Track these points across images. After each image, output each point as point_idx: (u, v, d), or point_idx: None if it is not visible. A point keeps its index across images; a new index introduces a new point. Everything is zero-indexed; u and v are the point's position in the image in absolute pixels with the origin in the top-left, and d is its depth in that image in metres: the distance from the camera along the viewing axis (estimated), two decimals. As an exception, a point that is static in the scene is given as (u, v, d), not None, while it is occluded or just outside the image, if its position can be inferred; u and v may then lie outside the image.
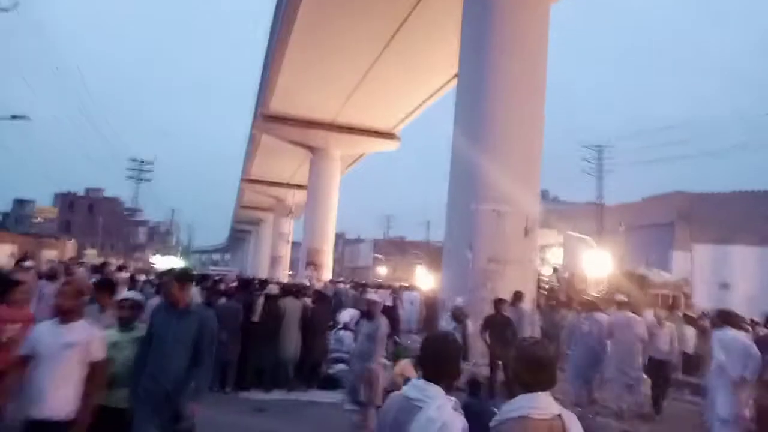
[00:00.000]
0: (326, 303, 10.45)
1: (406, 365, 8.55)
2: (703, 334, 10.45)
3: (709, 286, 24.98)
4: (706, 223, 26.53)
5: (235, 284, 11.59)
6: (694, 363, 10.98)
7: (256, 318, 8.70)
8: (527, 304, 9.76)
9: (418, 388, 2.11)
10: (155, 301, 5.56)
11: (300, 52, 18.67)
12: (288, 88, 21.90)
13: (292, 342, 8.79)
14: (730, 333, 6.62)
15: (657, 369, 7.88)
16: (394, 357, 9.69)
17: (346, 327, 10.68)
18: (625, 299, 8.85)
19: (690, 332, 11.22)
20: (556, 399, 2.07)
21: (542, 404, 1.99)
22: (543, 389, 2.03)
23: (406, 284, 23.50)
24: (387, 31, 16.72)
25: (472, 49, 11.22)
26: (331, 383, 8.90)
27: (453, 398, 2.07)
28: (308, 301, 9.75)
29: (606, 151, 32.61)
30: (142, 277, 13.29)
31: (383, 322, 6.35)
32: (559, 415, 2.00)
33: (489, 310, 9.04)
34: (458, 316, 8.49)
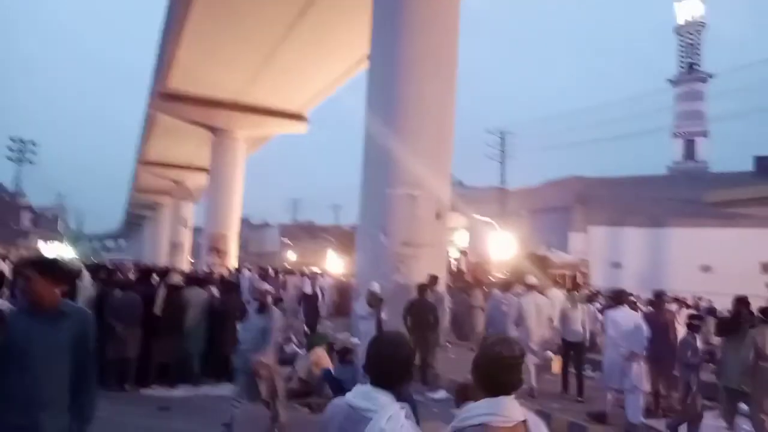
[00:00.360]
0: (234, 292, 9.93)
1: (321, 354, 8.28)
2: (598, 312, 10.98)
3: (603, 265, 26.66)
4: (600, 206, 28.23)
5: (133, 274, 10.77)
6: (591, 340, 11.57)
7: (157, 310, 8.08)
8: (441, 287, 9.82)
9: (365, 395, 1.84)
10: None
11: (201, 27, 17.53)
12: (188, 65, 20.60)
13: (197, 334, 8.29)
14: (622, 311, 7.01)
15: (571, 350, 8.11)
16: (310, 345, 9.38)
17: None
18: (535, 281, 9.11)
19: (588, 310, 11.78)
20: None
21: (505, 410, 1.78)
22: (507, 393, 1.82)
23: (317, 269, 23.13)
24: (293, 9, 16.11)
25: (382, 30, 10.99)
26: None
27: (404, 405, 1.83)
28: (214, 290, 9.23)
29: (509, 136, 33.58)
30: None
31: (276, 314, 6.05)
32: (524, 422, 1.81)
33: (404, 294, 8.98)
34: (373, 301, 8.30)
